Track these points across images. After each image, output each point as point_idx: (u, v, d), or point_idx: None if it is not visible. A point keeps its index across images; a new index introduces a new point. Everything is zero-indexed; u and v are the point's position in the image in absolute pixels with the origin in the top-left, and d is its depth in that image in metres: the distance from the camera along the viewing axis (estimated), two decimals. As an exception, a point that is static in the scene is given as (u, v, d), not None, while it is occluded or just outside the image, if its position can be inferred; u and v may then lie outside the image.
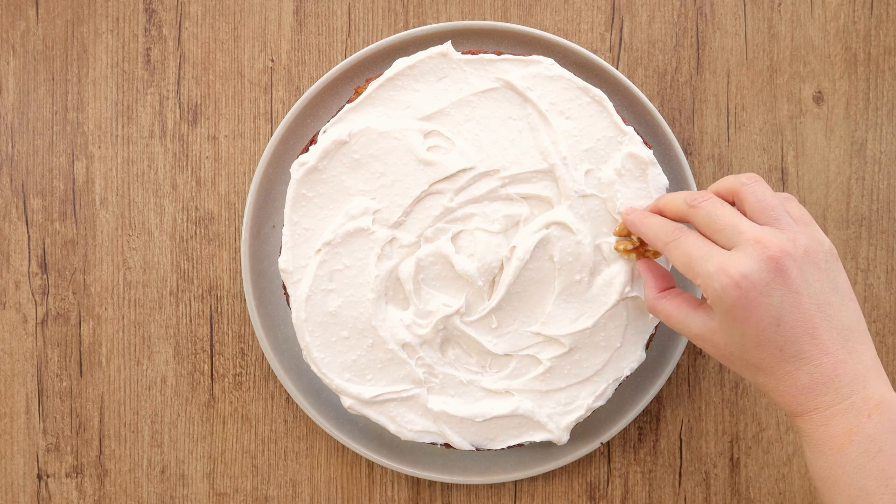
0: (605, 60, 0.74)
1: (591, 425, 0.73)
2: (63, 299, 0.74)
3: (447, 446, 0.70)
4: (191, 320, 0.74)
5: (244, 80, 0.75)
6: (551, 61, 0.69)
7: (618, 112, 0.69)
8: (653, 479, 0.75)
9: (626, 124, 0.69)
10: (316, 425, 0.75)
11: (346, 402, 0.69)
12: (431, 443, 0.70)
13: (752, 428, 0.75)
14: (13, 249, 0.74)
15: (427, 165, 0.68)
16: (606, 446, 0.75)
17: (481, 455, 0.73)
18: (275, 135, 0.72)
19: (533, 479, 0.75)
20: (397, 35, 0.72)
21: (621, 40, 0.75)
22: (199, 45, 0.75)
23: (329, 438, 0.75)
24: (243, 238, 0.72)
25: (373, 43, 0.73)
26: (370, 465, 0.75)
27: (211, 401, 0.75)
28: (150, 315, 0.74)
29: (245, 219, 0.72)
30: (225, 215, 0.75)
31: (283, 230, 0.69)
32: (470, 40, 0.72)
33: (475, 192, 0.69)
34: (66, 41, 0.74)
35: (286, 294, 0.69)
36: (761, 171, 0.75)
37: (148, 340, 0.74)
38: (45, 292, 0.74)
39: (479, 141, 0.69)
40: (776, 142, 0.75)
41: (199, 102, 0.74)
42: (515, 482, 0.75)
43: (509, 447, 0.70)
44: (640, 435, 0.75)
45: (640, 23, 0.75)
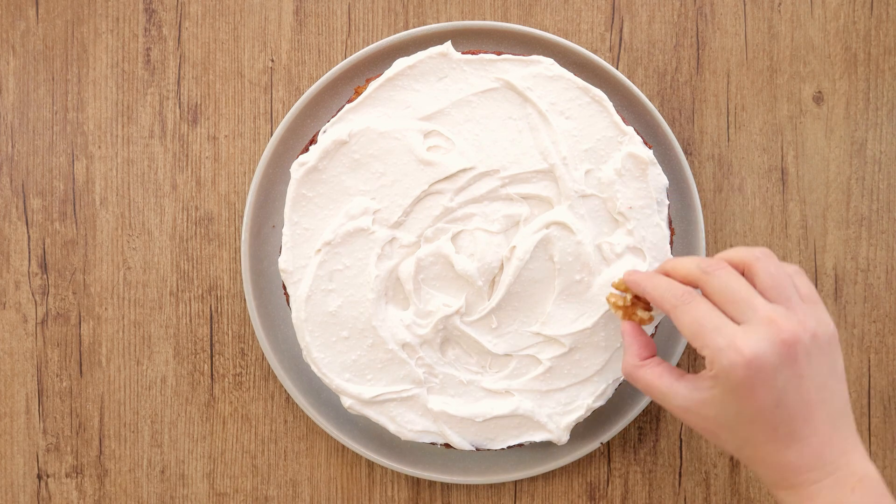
0: (605, 60, 0.74)
1: (591, 425, 0.73)
2: (63, 299, 0.74)
3: (447, 446, 0.70)
4: (191, 320, 0.74)
5: (244, 80, 0.75)
6: (551, 61, 0.69)
7: (618, 112, 0.69)
8: (653, 479, 0.75)
9: (626, 124, 0.69)
10: (316, 425, 0.75)
11: (346, 402, 0.69)
12: (431, 443, 0.70)
13: (752, 428, 0.75)
14: (13, 249, 0.74)
15: (427, 165, 0.68)
16: (606, 446, 0.75)
17: (481, 455, 0.73)
18: (275, 135, 0.72)
19: (533, 479, 0.75)
20: (397, 35, 0.72)
21: (621, 40, 0.75)
22: (199, 45, 0.75)
23: (329, 438, 0.75)
24: (243, 238, 0.72)
25: (373, 43, 0.73)
26: (370, 465, 0.75)
27: (211, 401, 0.75)
28: (150, 315, 0.74)
29: (245, 219, 0.72)
30: (225, 215, 0.75)
31: (283, 230, 0.69)
32: (470, 40, 0.72)
33: (475, 192, 0.69)
34: (66, 41, 0.74)
35: (286, 294, 0.69)
36: (761, 171, 0.75)
37: (148, 340, 0.74)
38: (45, 292, 0.74)
39: (479, 141, 0.69)
40: (776, 142, 0.75)
41: (199, 102, 0.74)
42: (515, 482, 0.75)
43: (509, 447, 0.70)
44: (640, 435, 0.75)
45: (640, 23, 0.75)
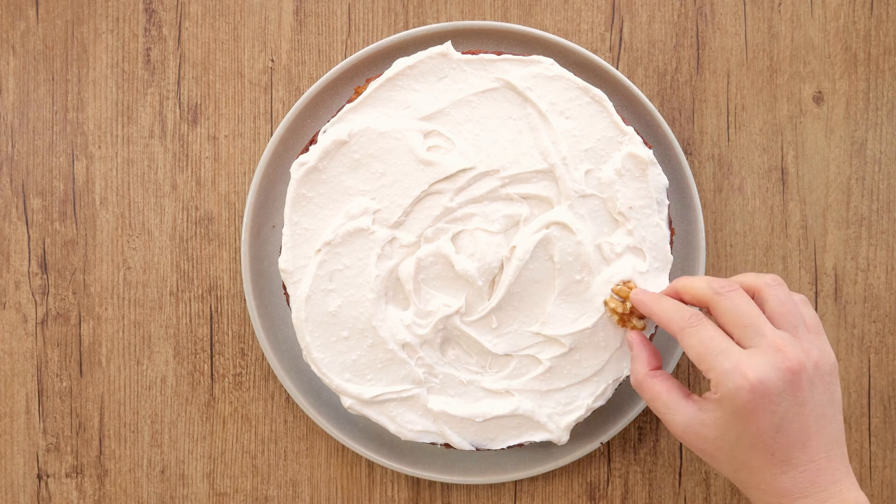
0: (605, 60, 0.74)
1: (591, 425, 0.73)
2: (63, 299, 0.74)
3: (447, 446, 0.70)
4: (191, 320, 0.74)
5: (244, 80, 0.75)
6: (551, 61, 0.69)
7: (618, 112, 0.69)
8: (653, 479, 0.75)
9: (626, 124, 0.69)
10: (316, 425, 0.75)
11: (346, 402, 0.69)
12: (431, 443, 0.70)
13: (752, 428, 0.75)
14: (13, 249, 0.74)
15: (427, 165, 0.68)
16: (606, 446, 0.75)
17: (481, 455, 0.73)
18: (275, 135, 0.72)
19: (533, 479, 0.75)
20: (397, 35, 0.72)
21: (621, 40, 0.75)
22: (199, 45, 0.75)
23: (329, 438, 0.75)
24: (243, 238, 0.72)
25: (373, 43, 0.73)
26: (370, 465, 0.75)
27: (211, 401, 0.75)
28: (150, 315, 0.74)
29: (245, 219, 0.72)
30: (225, 215, 0.75)
31: (283, 230, 0.69)
32: (470, 40, 0.72)
33: (475, 192, 0.69)
34: (66, 41, 0.74)
35: (286, 294, 0.69)
36: (761, 171, 0.75)
37: (148, 340, 0.74)
38: (45, 292, 0.74)
39: (479, 141, 0.69)
40: (776, 142, 0.75)
41: (199, 102, 0.74)
42: (515, 482, 0.75)
43: (509, 447, 0.70)
44: (640, 435, 0.75)
45: (640, 23, 0.75)
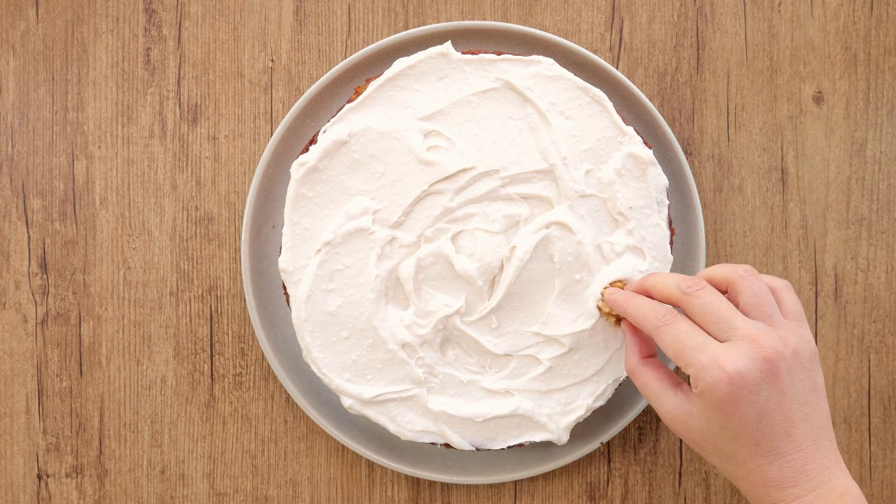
0: (605, 60, 0.74)
1: (591, 425, 0.73)
2: (63, 299, 0.74)
3: (447, 446, 0.70)
4: (191, 320, 0.74)
5: (244, 80, 0.75)
6: (551, 61, 0.69)
7: (618, 112, 0.69)
8: (653, 479, 0.75)
9: (626, 124, 0.69)
10: (316, 425, 0.75)
11: (346, 402, 0.69)
12: (431, 443, 0.70)
13: (752, 428, 0.75)
14: (13, 249, 0.74)
15: (427, 165, 0.68)
16: (606, 446, 0.75)
17: (481, 455, 0.73)
18: (275, 135, 0.72)
19: (533, 479, 0.75)
20: (397, 35, 0.72)
21: (621, 40, 0.75)
22: (199, 45, 0.75)
23: (329, 438, 0.75)
24: (243, 238, 0.72)
25: (373, 43, 0.73)
26: (370, 465, 0.75)
27: (211, 401, 0.75)
28: (150, 315, 0.74)
29: (245, 219, 0.72)
30: (225, 215, 0.75)
31: (283, 230, 0.69)
32: (470, 40, 0.72)
33: (475, 192, 0.69)
34: (66, 41, 0.74)
35: (286, 294, 0.69)
36: (761, 171, 0.75)
37: (148, 340, 0.74)
38: (45, 292, 0.74)
39: (479, 141, 0.69)
40: (776, 142, 0.75)
41: (199, 102, 0.74)
42: (515, 482, 0.75)
43: (509, 447, 0.70)
44: (640, 435, 0.75)
45: (640, 23, 0.75)
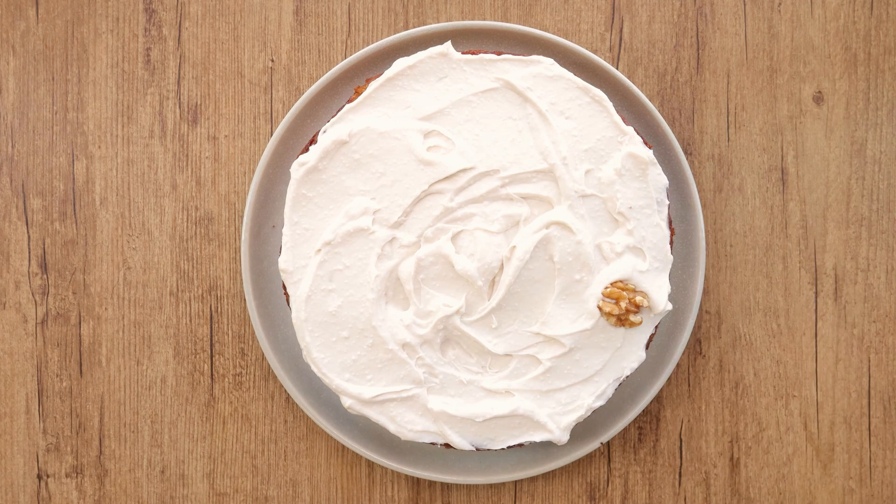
0: (605, 60, 0.74)
1: (591, 425, 0.73)
2: (63, 299, 0.74)
3: (447, 446, 0.70)
4: (191, 320, 0.74)
5: (244, 80, 0.75)
6: (551, 61, 0.69)
7: (618, 112, 0.69)
8: (653, 479, 0.75)
9: (626, 124, 0.69)
10: (316, 425, 0.75)
11: (346, 402, 0.69)
12: (431, 443, 0.70)
13: (752, 428, 0.75)
14: (13, 249, 0.74)
15: (427, 165, 0.68)
16: (606, 446, 0.75)
17: (481, 455, 0.73)
18: (275, 135, 0.72)
19: (533, 479, 0.75)
20: (397, 35, 0.72)
21: (621, 40, 0.75)
22: (199, 45, 0.75)
23: (329, 438, 0.75)
24: (243, 238, 0.72)
25: (373, 43, 0.73)
26: (370, 465, 0.75)
27: (211, 401, 0.75)
28: (150, 315, 0.74)
29: (245, 219, 0.72)
30: (225, 215, 0.75)
31: (283, 230, 0.69)
32: (470, 40, 0.72)
33: (475, 192, 0.69)
34: (66, 41, 0.74)
35: (286, 294, 0.69)
36: (761, 170, 0.75)
37: (148, 340, 0.74)
38: (45, 292, 0.74)
39: (479, 141, 0.69)
40: (776, 142, 0.75)
41: (199, 102, 0.74)
42: (515, 482, 0.75)
43: (509, 447, 0.70)
44: (640, 435, 0.75)
45: (640, 23, 0.75)
